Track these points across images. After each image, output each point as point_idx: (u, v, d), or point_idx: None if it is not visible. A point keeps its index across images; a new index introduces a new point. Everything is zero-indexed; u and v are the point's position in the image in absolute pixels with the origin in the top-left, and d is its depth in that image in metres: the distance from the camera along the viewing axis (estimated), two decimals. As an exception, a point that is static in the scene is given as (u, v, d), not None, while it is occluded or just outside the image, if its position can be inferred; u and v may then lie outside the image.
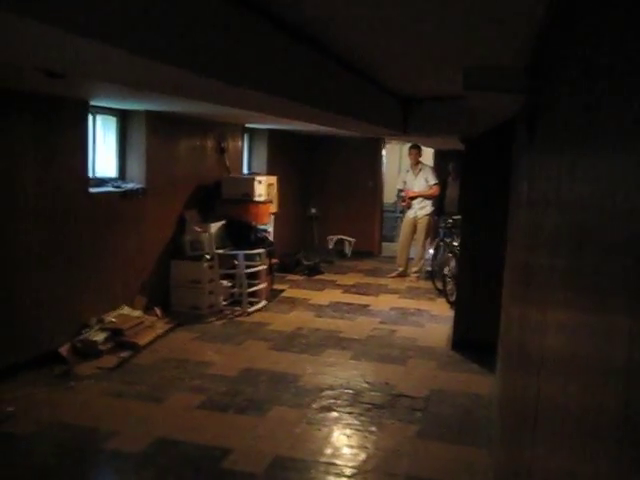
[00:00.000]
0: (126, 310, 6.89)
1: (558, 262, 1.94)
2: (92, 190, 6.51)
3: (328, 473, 4.05)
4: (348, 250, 12.62)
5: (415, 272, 10.57)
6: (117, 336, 6.33)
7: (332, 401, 5.24)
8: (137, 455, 4.25)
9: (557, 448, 1.70)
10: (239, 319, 7.76)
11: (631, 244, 0.96)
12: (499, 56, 4.01)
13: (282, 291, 9.29)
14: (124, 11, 2.22)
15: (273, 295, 8.88)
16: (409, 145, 10.91)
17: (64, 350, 5.83)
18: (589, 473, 1.19)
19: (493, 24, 3.36)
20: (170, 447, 4.37)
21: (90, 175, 6.58)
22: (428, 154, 13.22)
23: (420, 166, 10.66)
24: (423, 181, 10.50)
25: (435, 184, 10.43)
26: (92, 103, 6.45)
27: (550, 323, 2.03)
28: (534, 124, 3.22)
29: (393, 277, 10.58)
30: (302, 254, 11.22)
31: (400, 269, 10.68)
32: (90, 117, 6.68)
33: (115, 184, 7.10)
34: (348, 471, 4.08)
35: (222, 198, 8.62)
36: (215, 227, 8.06)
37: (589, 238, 1.39)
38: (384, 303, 8.87)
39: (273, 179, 9.37)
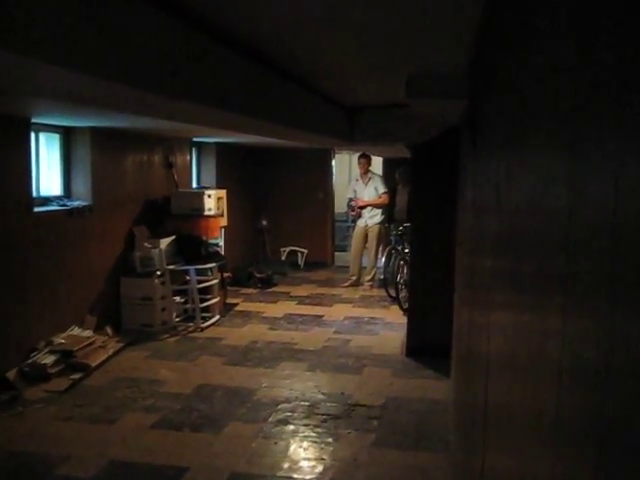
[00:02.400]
0: (76, 331, 6.74)
1: (499, 264, 1.96)
2: (36, 209, 6.36)
3: (286, 487, 4.02)
4: (301, 261, 12.61)
5: (368, 281, 10.60)
6: (67, 358, 6.17)
7: (288, 414, 5.20)
8: (90, 479, 4.15)
9: (504, 449, 1.71)
10: (192, 335, 7.66)
11: (563, 245, 0.96)
12: (440, 63, 4.06)
13: (235, 305, 9.21)
14: (51, 24, 2.17)
15: (226, 309, 8.80)
16: (358, 155, 10.97)
17: (11, 375, 5.66)
18: (533, 473, 1.19)
19: (431, 32, 3.39)
20: (123, 469, 4.28)
21: (34, 194, 6.44)
22: (377, 163, 13.32)
23: (369, 175, 10.71)
24: (373, 190, 10.54)
25: (384, 193, 10.48)
26: (34, 120, 6.32)
27: (493, 325, 2.04)
28: (475, 129, 3.26)
29: (346, 286, 10.60)
30: (255, 267, 11.16)
31: (353, 278, 10.71)
32: (33, 135, 6.55)
33: (60, 202, 6.96)
34: (306, 484, 4.05)
35: (171, 213, 8.52)
36: (165, 243, 7.96)
37: (525, 240, 1.39)
38: (338, 313, 8.87)
39: (222, 193, 9.30)
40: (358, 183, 10.81)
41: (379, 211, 10.54)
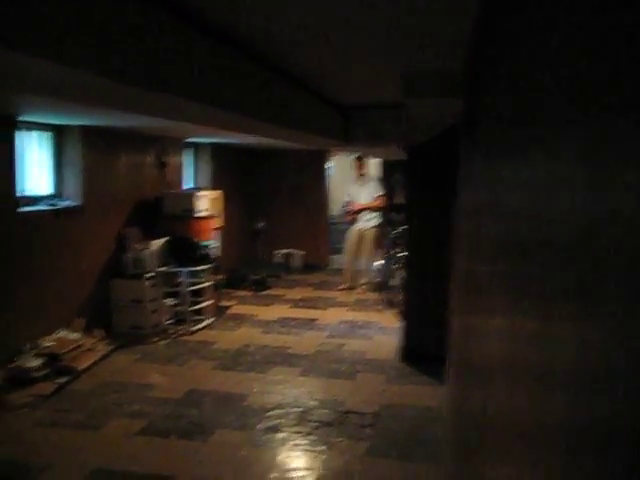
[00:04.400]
0: (64, 333, 6.60)
1: (497, 269, 1.87)
2: (23, 209, 6.22)
3: (274, 498, 3.88)
4: (296, 264, 12.48)
5: (362, 284, 10.46)
6: (53, 361, 6.03)
7: (279, 421, 5.06)
8: (71, 488, 4.01)
9: (501, 460, 1.66)
10: (184, 338, 7.52)
11: (568, 248, 0.91)
12: (437, 62, 3.94)
13: (228, 308, 9.08)
14: (34, 16, 2.04)
15: (219, 312, 8.66)
16: (354, 157, 10.84)
17: (-5, 378, 5.52)
18: None
19: (428, 30, 3.28)
20: (107, 479, 4.13)
21: (21, 193, 6.29)
22: (375, 165, 13.19)
23: (365, 178, 10.59)
24: (369, 193, 10.42)
25: (380, 195, 10.36)
26: (23, 118, 6.18)
27: (490, 331, 1.97)
28: (473, 129, 3.14)
29: (341, 290, 10.46)
30: (249, 269, 11.03)
31: (348, 282, 10.56)
32: (22, 133, 6.41)
33: (50, 202, 6.82)
34: (295, 494, 3.91)
35: (163, 214, 8.39)
36: (157, 244, 7.82)
37: (527, 244, 1.33)
38: (332, 316, 8.74)
39: (217, 194, 9.17)
40: (354, 186, 10.68)
41: (375, 214, 10.41)
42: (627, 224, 0.64)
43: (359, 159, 10.58)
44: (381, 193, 10.40)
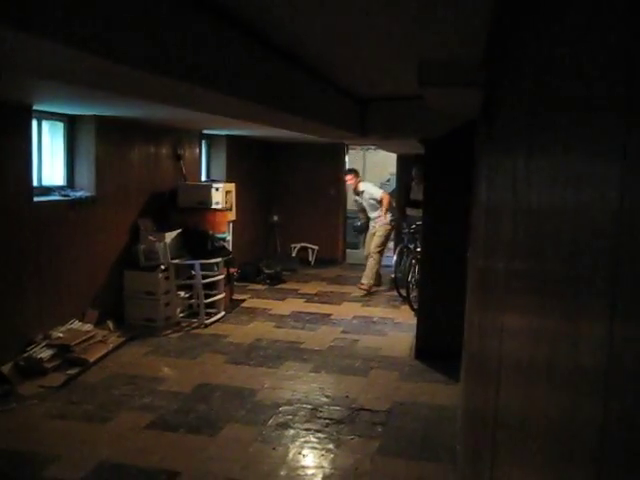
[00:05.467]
0: (76, 324, 6.57)
1: (515, 266, 1.79)
2: (37, 199, 6.18)
3: (282, 496, 3.80)
4: (311, 258, 12.39)
5: (365, 284, 9.91)
6: (65, 352, 5.99)
7: (289, 417, 4.98)
8: (77, 482, 3.96)
9: (516, 461, 1.59)
10: (196, 331, 7.47)
11: (591, 245, 0.85)
12: (455, 52, 3.83)
13: (242, 301, 9.01)
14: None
15: (232, 306, 8.60)
16: (345, 170, 10.66)
17: (6, 369, 5.48)
18: None
19: (447, 19, 3.17)
20: (114, 472, 4.08)
21: (35, 184, 6.25)
22: (391, 159, 13.07)
23: (362, 188, 10.28)
24: (372, 201, 10.15)
25: (383, 195, 10.15)
26: (37, 108, 6.13)
27: (507, 329, 1.90)
28: (492, 121, 3.03)
29: (362, 290, 9.82)
30: (263, 263, 10.96)
31: (369, 283, 9.92)
32: (36, 123, 6.37)
33: (63, 192, 6.77)
34: (304, 493, 3.83)
35: (178, 206, 8.33)
36: (170, 236, 7.76)
37: (546, 240, 1.25)
38: (347, 312, 8.65)
39: (231, 186, 9.10)
40: (357, 198, 10.46)
41: (382, 213, 10.08)
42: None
43: (350, 172, 10.47)
44: (381, 192, 10.21)
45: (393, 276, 9.98)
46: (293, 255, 12.29)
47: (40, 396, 5.30)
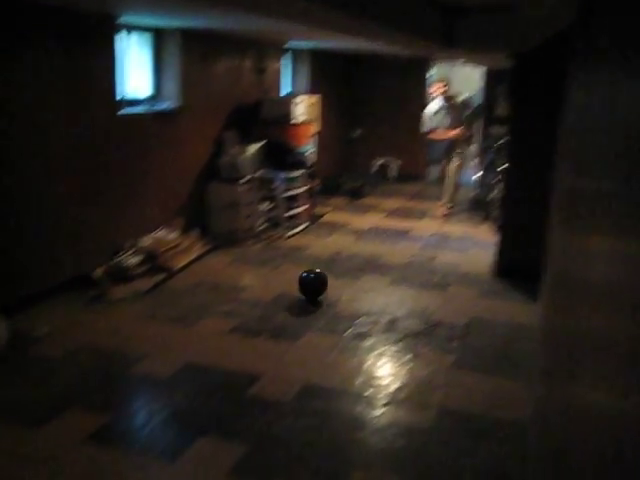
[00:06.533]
0: (162, 233, 6.79)
1: (606, 186, 1.73)
2: (123, 112, 6.31)
3: (358, 403, 3.92)
4: (393, 173, 12.29)
5: (445, 203, 9.62)
6: (151, 260, 6.24)
7: (367, 328, 5.09)
8: (165, 379, 4.19)
9: (593, 383, 1.61)
10: (276, 243, 7.62)
11: None
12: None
13: (323, 215, 9.10)
14: None
15: (313, 219, 8.70)
16: (435, 78, 9.97)
17: (98, 274, 5.77)
18: (621, 408, 1.05)
19: None
20: (199, 372, 4.30)
21: (122, 96, 6.37)
22: (476, 75, 12.62)
23: (449, 100, 9.50)
24: (453, 117, 9.37)
25: (462, 126, 9.41)
26: (124, 20, 6.18)
27: (594, 250, 1.85)
28: (588, 37, 2.88)
29: (443, 210, 9.54)
30: (345, 177, 10.96)
31: (449, 203, 9.57)
32: (123, 35, 6.43)
33: (149, 104, 6.89)
34: (379, 401, 3.94)
35: (261, 119, 8.36)
36: (254, 149, 7.84)
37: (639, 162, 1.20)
38: (427, 228, 8.63)
39: (315, 99, 9.03)
40: (436, 111, 9.48)
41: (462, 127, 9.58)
42: None
43: (440, 80, 9.77)
44: (463, 122, 9.49)
45: (475, 194, 9.85)
46: (374, 171, 12.22)
47: (128, 300, 5.58)
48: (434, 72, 12.53)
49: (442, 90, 9.45)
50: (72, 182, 5.66)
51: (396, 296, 5.89)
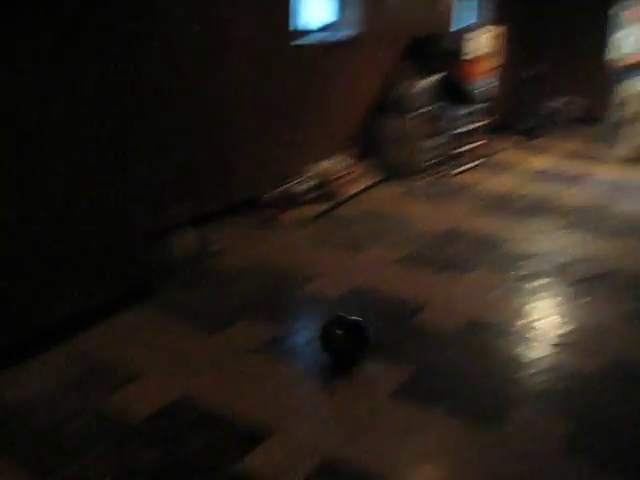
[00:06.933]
0: (331, 163, 6.90)
1: None
2: (297, 42, 6.37)
3: (524, 343, 3.86)
4: (572, 114, 11.62)
5: (631, 144, 8.77)
6: (320, 188, 6.40)
7: (536, 269, 4.95)
8: (335, 299, 4.34)
9: None
10: (446, 179, 7.53)
11: None
12: None
13: (495, 153, 8.84)
14: None
15: (484, 157, 8.48)
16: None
17: (268, 198, 5.98)
18: None
19: None
20: (365, 297, 4.40)
21: (296, 25, 6.39)
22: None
23: None
24: None
25: None
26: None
27: None
28: None
29: (624, 153, 8.73)
30: (520, 115, 10.52)
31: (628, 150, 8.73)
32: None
33: (330, 31, 6.95)
34: (546, 344, 3.85)
35: (437, 52, 8.15)
36: (427, 82, 7.70)
37: None
38: (605, 173, 8.14)
39: (499, 30, 8.63)
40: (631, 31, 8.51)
41: None
42: None
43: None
44: None
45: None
46: (552, 109, 11.62)
47: (297, 224, 5.78)
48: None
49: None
50: (250, 111, 5.87)
51: (569, 240, 5.67)
